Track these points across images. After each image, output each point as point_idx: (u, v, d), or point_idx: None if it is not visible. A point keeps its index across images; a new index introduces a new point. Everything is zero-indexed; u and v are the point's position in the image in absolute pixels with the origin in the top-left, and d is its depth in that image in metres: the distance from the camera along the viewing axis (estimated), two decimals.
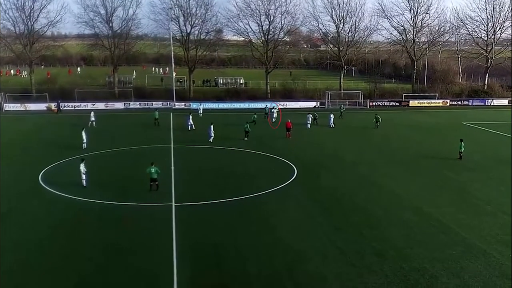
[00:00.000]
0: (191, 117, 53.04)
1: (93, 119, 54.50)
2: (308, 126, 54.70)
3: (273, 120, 58.38)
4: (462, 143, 40.07)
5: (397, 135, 52.09)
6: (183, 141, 46.30)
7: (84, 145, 42.09)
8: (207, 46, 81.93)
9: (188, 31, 79.20)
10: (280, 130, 50.61)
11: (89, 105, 68.63)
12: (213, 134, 45.51)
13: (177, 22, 78.78)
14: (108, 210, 27.29)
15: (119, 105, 71.65)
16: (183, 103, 72.94)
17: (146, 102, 72.41)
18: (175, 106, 71.99)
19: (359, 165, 38.21)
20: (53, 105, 68.28)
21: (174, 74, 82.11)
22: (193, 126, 52.18)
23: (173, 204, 28.06)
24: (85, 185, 30.45)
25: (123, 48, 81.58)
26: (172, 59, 77.13)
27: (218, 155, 41.24)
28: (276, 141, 47.01)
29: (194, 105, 70.06)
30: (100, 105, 69.82)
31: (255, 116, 56.48)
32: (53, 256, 21.21)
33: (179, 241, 22.77)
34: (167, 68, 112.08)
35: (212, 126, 45.89)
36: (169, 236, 23.38)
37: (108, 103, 71.47)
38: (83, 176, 30.48)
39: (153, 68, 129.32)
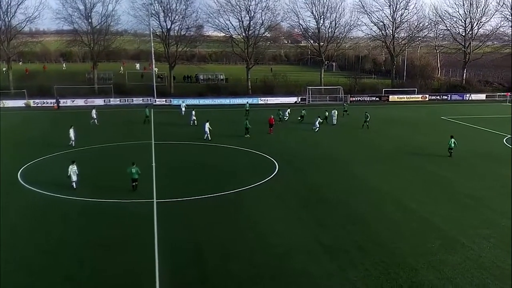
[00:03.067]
0: (194, 112, 53.98)
1: (94, 117, 53.29)
2: (317, 129, 50.49)
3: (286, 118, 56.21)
4: (452, 140, 39.45)
5: (378, 130, 52.00)
6: (170, 137, 46.24)
7: (72, 143, 41.52)
8: (188, 42, 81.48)
9: (168, 27, 79.03)
10: (266, 127, 49.58)
11: (80, 102, 69.21)
12: (208, 131, 45.02)
13: (157, 18, 78.47)
14: (90, 207, 27.08)
15: (99, 102, 70.86)
16: (164, 99, 72.73)
17: (126, 99, 72.19)
18: (155, 102, 71.63)
19: (342, 161, 38.43)
20: (31, 102, 67.53)
21: (155, 70, 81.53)
22: (195, 121, 52.34)
23: (155, 200, 28.01)
24: (75, 187, 29.67)
25: (102, 44, 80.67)
26: (153, 55, 76.56)
27: (203, 151, 41.21)
28: (260, 137, 46.80)
29: (174, 101, 70.11)
30: (80, 102, 69.52)
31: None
32: (35, 255, 20.96)
33: (160, 237, 22.75)
34: (149, 64, 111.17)
35: (207, 123, 45.34)
36: (150, 232, 23.36)
37: (88, 100, 70.85)
38: (73, 178, 29.70)
39: (136, 64, 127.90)
